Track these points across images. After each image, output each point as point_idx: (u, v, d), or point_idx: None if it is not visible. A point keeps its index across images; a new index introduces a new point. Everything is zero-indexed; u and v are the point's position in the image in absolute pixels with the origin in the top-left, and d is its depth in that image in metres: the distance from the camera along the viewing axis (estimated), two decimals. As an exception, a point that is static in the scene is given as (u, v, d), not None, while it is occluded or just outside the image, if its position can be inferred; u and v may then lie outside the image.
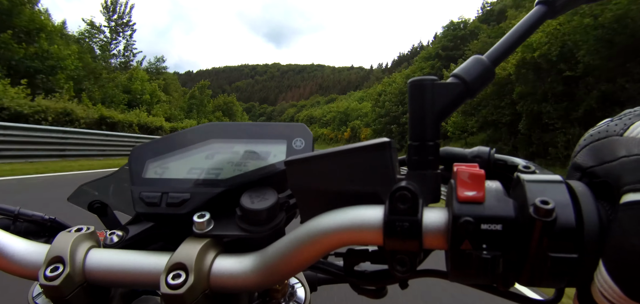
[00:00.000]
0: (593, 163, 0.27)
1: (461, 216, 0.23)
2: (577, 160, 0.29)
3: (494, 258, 0.23)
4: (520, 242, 0.23)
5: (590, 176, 0.27)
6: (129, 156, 0.38)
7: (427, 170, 0.29)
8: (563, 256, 0.22)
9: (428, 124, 0.29)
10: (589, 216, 0.23)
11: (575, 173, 0.29)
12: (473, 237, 0.23)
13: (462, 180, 0.25)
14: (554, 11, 0.31)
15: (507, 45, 0.31)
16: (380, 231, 0.26)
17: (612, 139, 0.27)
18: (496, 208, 0.24)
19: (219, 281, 0.31)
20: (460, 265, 0.24)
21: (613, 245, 0.23)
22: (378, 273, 0.35)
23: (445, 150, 0.39)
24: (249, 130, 0.40)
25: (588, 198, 0.24)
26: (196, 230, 0.33)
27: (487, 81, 0.30)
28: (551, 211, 0.21)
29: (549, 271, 0.22)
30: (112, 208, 0.48)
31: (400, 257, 0.26)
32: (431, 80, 0.29)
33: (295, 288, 0.46)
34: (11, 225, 0.43)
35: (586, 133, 0.30)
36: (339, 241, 0.28)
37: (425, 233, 0.25)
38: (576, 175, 0.28)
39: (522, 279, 0.24)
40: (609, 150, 0.26)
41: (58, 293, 0.30)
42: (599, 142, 0.28)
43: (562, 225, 0.22)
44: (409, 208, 0.25)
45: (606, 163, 0.25)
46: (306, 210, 0.32)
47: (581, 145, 0.30)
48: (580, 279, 0.24)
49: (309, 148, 0.38)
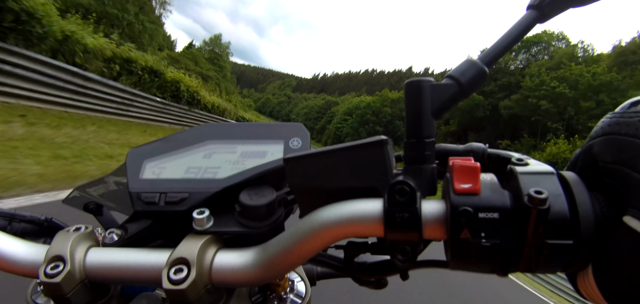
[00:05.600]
0: (609, 160, 0.25)
1: (459, 206, 0.24)
2: (594, 146, 0.27)
3: (493, 246, 0.24)
4: (517, 231, 0.24)
5: (602, 171, 0.26)
6: (126, 157, 0.38)
7: (423, 165, 0.30)
8: (559, 242, 0.23)
9: (424, 122, 0.30)
10: (583, 206, 0.24)
11: (587, 158, 0.28)
12: (471, 226, 0.24)
13: (458, 172, 0.26)
14: (544, 15, 0.32)
15: (500, 48, 0.32)
16: (380, 223, 0.27)
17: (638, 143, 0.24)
18: (492, 198, 0.25)
19: (220, 275, 0.31)
20: (460, 254, 0.25)
21: (606, 260, 0.23)
22: (379, 264, 0.36)
23: (440, 146, 0.40)
24: (246, 130, 0.40)
25: (581, 188, 0.25)
26: (196, 227, 0.33)
27: (480, 82, 0.31)
28: (544, 200, 0.23)
29: (546, 257, 0.23)
30: (108, 209, 0.48)
31: (401, 247, 0.27)
32: (428, 81, 0.30)
33: (296, 282, 0.46)
34: (7, 226, 0.43)
35: (611, 113, 0.27)
36: (340, 234, 0.28)
37: (424, 224, 0.26)
38: (588, 161, 0.27)
39: (520, 266, 0.24)
40: (631, 155, 0.23)
41: (58, 290, 0.30)
42: (624, 138, 0.24)
43: (556, 213, 0.23)
44: (408, 201, 0.26)
45: (624, 166, 0.24)
46: (305, 206, 0.32)
47: (604, 130, 0.27)
48: (577, 264, 0.25)
49: (306, 148, 0.38)
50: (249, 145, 0.38)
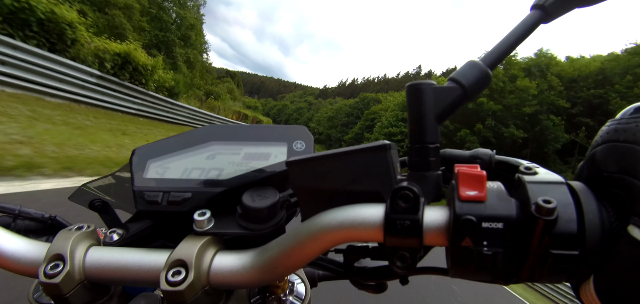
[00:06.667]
0: (613, 169, 0.24)
1: (463, 215, 0.24)
2: (596, 155, 0.26)
3: (495, 254, 0.23)
4: (521, 239, 0.23)
5: (607, 181, 0.25)
6: (130, 156, 0.38)
7: (428, 171, 0.29)
8: (565, 253, 0.22)
9: (428, 127, 0.29)
10: (590, 216, 0.23)
11: (591, 169, 0.27)
12: (474, 234, 0.23)
13: (464, 180, 0.25)
14: (548, 15, 0.31)
15: (503, 49, 0.31)
16: (381, 229, 0.26)
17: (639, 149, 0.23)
18: (498, 207, 0.24)
19: (218, 277, 0.31)
20: (460, 262, 0.24)
21: (608, 270, 0.23)
22: (378, 269, 0.36)
23: (446, 151, 0.39)
24: (250, 132, 0.40)
25: (588, 198, 0.24)
26: (196, 228, 0.33)
27: (484, 85, 0.30)
28: (553, 210, 0.22)
29: (550, 267, 0.23)
30: (113, 207, 0.48)
31: (401, 254, 0.26)
32: (430, 84, 0.30)
33: (296, 283, 0.46)
34: (12, 223, 0.43)
35: (611, 121, 0.27)
36: (340, 238, 0.28)
37: (425, 231, 0.26)
38: (593, 171, 0.27)
39: (522, 276, 0.24)
40: (631, 161, 0.23)
41: (58, 291, 0.31)
42: (624, 145, 0.24)
43: (564, 224, 0.22)
44: (411, 207, 0.26)
45: (626, 175, 0.23)
46: (307, 209, 0.32)
47: (603, 138, 0.26)
48: (581, 275, 0.24)
49: (309, 150, 0.38)
50: (252, 146, 0.38)
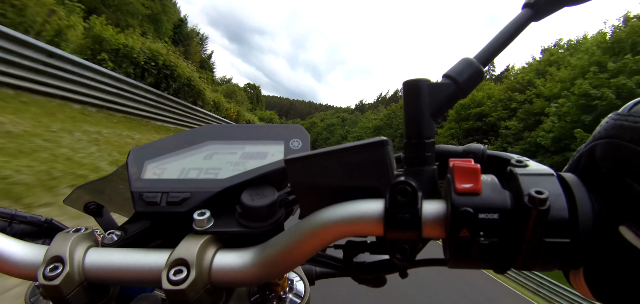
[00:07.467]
0: (612, 166, 0.25)
1: (460, 207, 0.25)
2: (596, 149, 0.26)
3: (492, 244, 0.24)
4: (516, 229, 0.24)
5: (604, 177, 0.26)
6: (127, 158, 0.38)
7: (424, 166, 0.30)
8: (557, 241, 0.23)
9: (424, 122, 0.30)
10: (583, 206, 0.24)
11: (590, 161, 0.27)
12: (471, 225, 0.24)
13: (459, 173, 0.26)
14: (539, 14, 0.32)
15: (495, 47, 0.32)
16: (381, 222, 0.27)
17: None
18: (493, 198, 0.25)
19: (220, 275, 0.31)
20: (458, 252, 0.25)
21: (598, 264, 0.24)
22: (378, 263, 0.36)
23: (439, 147, 0.40)
24: (247, 132, 0.40)
25: (581, 189, 0.25)
26: (196, 227, 0.33)
27: (477, 81, 0.31)
28: (545, 201, 0.23)
29: (543, 255, 0.24)
30: (108, 210, 0.48)
31: (401, 246, 0.27)
32: (426, 81, 0.30)
33: (295, 281, 0.46)
34: (7, 227, 0.43)
35: (616, 114, 0.26)
36: (341, 232, 0.29)
37: (424, 223, 0.26)
38: (590, 164, 0.27)
39: (517, 264, 0.25)
40: (633, 164, 0.23)
41: (57, 293, 0.30)
42: (628, 145, 0.23)
43: (556, 213, 0.23)
44: (409, 201, 0.26)
45: (626, 175, 0.23)
46: (306, 206, 0.33)
47: (608, 132, 0.25)
48: (573, 263, 0.25)
49: (306, 148, 0.38)
50: (249, 146, 0.39)
